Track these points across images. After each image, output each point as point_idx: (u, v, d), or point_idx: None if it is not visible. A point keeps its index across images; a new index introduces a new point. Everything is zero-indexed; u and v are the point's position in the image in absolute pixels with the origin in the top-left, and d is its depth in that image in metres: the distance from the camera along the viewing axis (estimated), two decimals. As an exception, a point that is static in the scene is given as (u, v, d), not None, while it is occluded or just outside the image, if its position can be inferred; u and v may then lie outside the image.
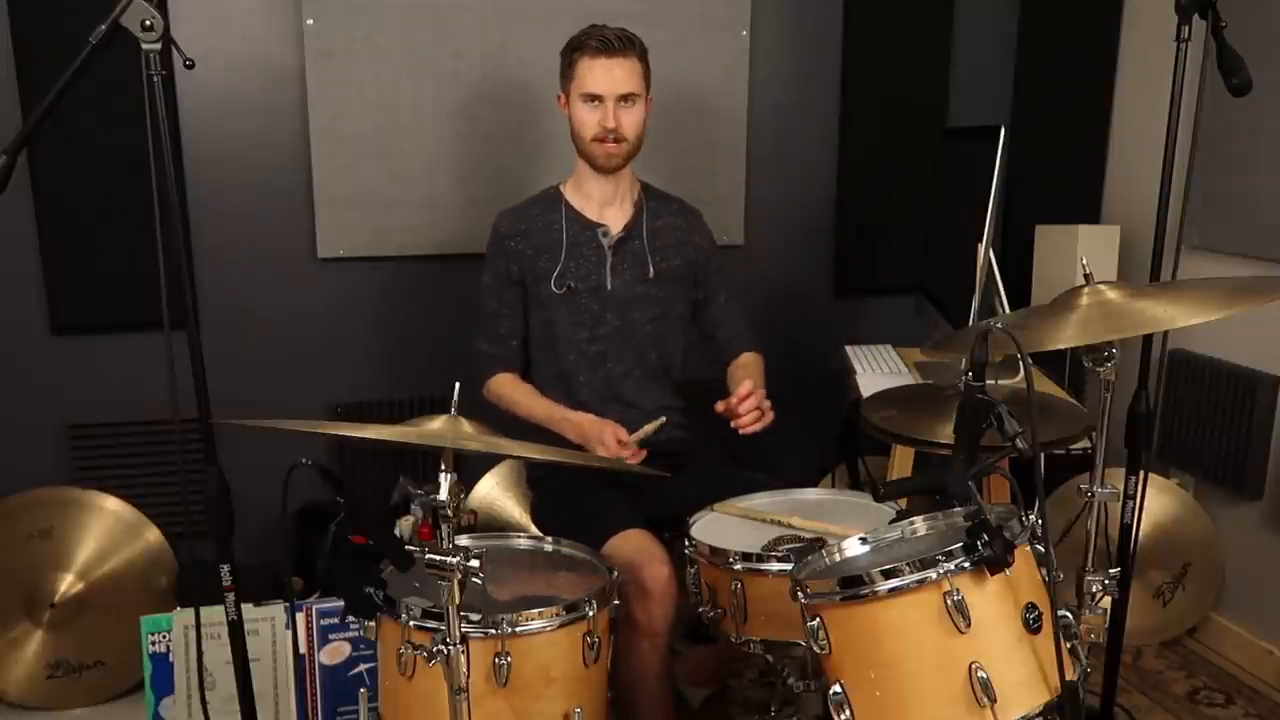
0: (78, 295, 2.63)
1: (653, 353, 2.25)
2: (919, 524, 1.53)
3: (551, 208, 2.21)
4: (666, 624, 1.86)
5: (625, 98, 2.08)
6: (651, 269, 2.20)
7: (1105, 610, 1.76)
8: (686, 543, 1.82)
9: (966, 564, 1.31)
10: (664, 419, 2.08)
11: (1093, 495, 1.77)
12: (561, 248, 2.17)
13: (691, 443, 2.29)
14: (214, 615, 1.92)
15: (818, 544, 1.64)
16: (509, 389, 2.22)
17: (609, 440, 1.98)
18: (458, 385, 1.64)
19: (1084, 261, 1.69)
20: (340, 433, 1.42)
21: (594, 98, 2.08)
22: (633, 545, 1.89)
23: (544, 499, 2.25)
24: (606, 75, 2.06)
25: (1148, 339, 2.04)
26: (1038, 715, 1.32)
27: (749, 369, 2.28)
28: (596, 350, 2.20)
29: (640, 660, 1.88)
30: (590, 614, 1.61)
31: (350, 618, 2.20)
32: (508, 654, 1.53)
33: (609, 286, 2.18)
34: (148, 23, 1.54)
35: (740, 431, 1.98)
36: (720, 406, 1.99)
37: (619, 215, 2.21)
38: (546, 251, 2.17)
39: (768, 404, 2.00)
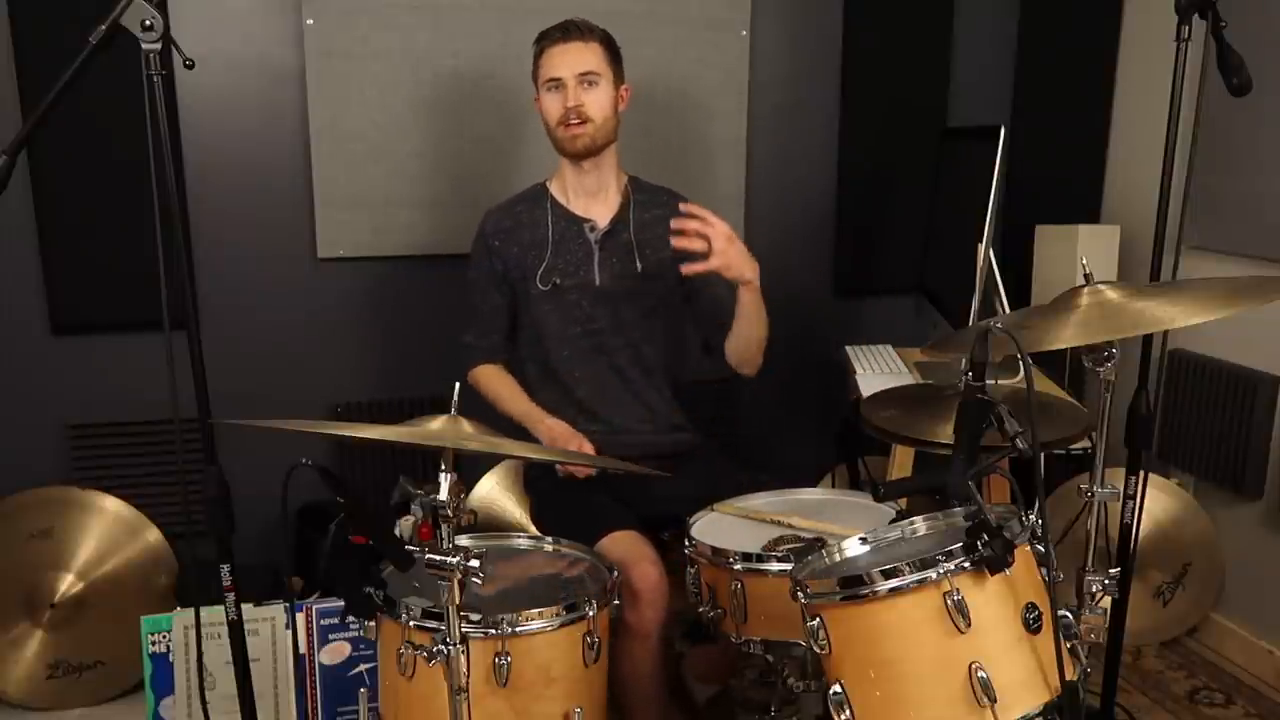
0: (78, 295, 2.63)
1: (647, 348, 2.24)
2: (919, 524, 1.53)
3: (537, 204, 2.21)
4: (657, 625, 1.86)
5: (585, 77, 2.09)
6: (639, 263, 2.20)
7: (1105, 610, 1.76)
8: (686, 543, 1.82)
9: (966, 564, 1.31)
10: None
11: (1093, 495, 1.77)
12: (548, 244, 2.17)
13: (692, 443, 2.29)
14: (214, 615, 1.92)
15: (818, 544, 1.64)
16: (491, 382, 2.25)
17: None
18: (458, 385, 1.65)
19: (1084, 261, 1.69)
20: (340, 433, 1.42)
21: (554, 81, 2.09)
22: (622, 546, 1.89)
23: (540, 499, 2.25)
24: (563, 58, 2.09)
25: (1148, 339, 2.04)
26: (1038, 715, 1.32)
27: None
28: (591, 344, 2.20)
29: (631, 662, 1.87)
30: (590, 614, 1.61)
31: (350, 618, 2.20)
32: (508, 654, 1.53)
33: (597, 281, 2.18)
34: (148, 23, 1.54)
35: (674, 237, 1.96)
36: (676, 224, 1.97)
37: (605, 209, 2.21)
38: (533, 249, 2.17)
39: (729, 246, 1.95)
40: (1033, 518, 1.40)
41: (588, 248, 2.18)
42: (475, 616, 1.52)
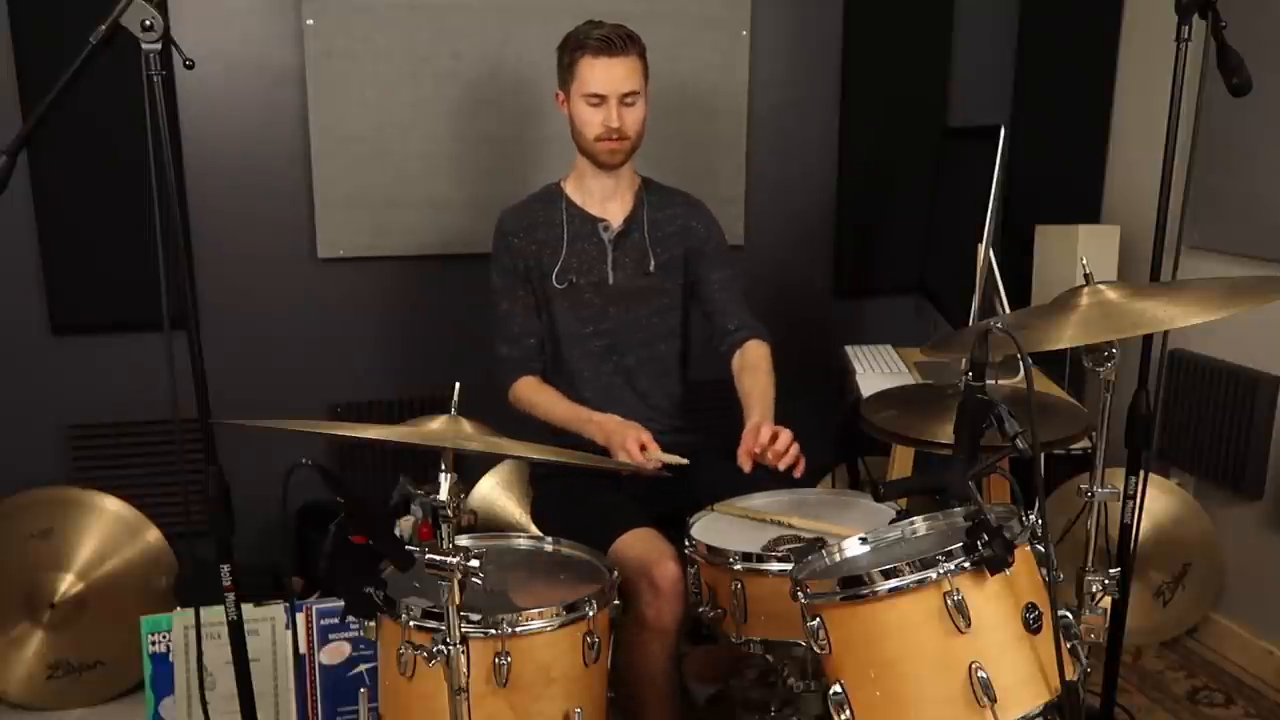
0: (78, 295, 2.63)
1: (660, 346, 2.25)
2: (919, 524, 1.53)
3: (552, 204, 2.22)
4: (676, 621, 1.86)
5: (627, 96, 2.08)
6: (653, 261, 2.21)
7: (1105, 610, 1.76)
8: (686, 542, 1.82)
9: (966, 564, 1.31)
10: (686, 461, 1.96)
11: (1093, 495, 1.77)
12: (563, 243, 2.18)
13: (694, 443, 2.29)
14: (214, 615, 1.93)
15: (818, 544, 1.64)
16: (532, 393, 2.19)
17: (631, 445, 1.92)
18: (458, 385, 1.64)
19: (1084, 261, 1.69)
20: (340, 433, 1.42)
21: (597, 98, 2.08)
22: (642, 543, 1.89)
23: (548, 498, 2.24)
24: (608, 75, 2.06)
25: (1148, 339, 2.04)
26: (1038, 715, 1.32)
27: (757, 381, 2.15)
28: (602, 345, 2.20)
29: (648, 658, 1.88)
30: (590, 614, 1.61)
31: (350, 618, 2.19)
32: (508, 654, 1.53)
33: (611, 280, 2.19)
34: (148, 23, 1.54)
35: (780, 468, 1.92)
36: (745, 456, 1.91)
37: (619, 209, 2.22)
38: (549, 247, 2.18)
39: (795, 446, 1.91)
40: (1033, 518, 1.39)
41: (601, 247, 2.19)
42: (475, 616, 1.52)
